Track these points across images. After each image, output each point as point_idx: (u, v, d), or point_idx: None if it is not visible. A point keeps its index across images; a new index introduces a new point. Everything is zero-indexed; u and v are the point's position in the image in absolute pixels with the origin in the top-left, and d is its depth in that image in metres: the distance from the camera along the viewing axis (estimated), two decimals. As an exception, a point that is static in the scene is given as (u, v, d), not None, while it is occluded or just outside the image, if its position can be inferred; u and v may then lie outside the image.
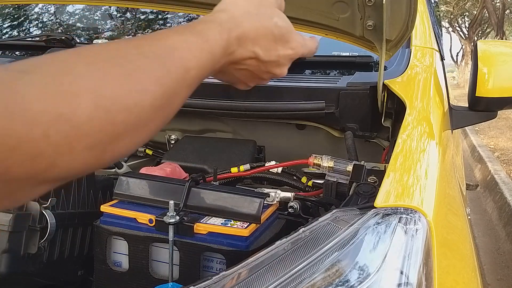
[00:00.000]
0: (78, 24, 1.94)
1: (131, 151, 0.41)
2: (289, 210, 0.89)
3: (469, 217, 1.32)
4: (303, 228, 0.61)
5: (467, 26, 22.30)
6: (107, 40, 1.82)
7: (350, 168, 0.86)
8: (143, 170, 0.96)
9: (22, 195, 0.34)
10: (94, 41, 1.80)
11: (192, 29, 0.48)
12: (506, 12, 17.63)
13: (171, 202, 0.76)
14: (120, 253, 0.82)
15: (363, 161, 0.88)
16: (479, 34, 22.77)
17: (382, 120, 1.06)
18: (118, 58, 0.39)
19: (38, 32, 1.88)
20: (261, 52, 0.57)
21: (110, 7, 1.88)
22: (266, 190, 0.90)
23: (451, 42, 27.04)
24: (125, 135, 0.37)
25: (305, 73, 1.36)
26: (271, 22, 0.58)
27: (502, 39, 14.74)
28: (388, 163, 0.74)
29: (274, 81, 1.14)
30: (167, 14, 1.83)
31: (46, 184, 0.34)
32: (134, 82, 0.38)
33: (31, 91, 0.31)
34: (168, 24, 1.85)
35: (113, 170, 1.17)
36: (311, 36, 0.68)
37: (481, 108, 1.35)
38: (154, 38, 0.44)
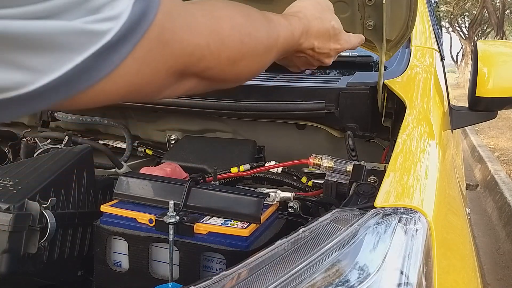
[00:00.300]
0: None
1: (247, 76, 0.60)
2: (289, 210, 0.89)
3: (469, 217, 1.32)
4: (303, 228, 0.61)
5: (467, 26, 22.30)
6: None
7: (350, 168, 0.86)
8: (143, 170, 0.96)
9: (183, 87, 0.51)
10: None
11: (284, 16, 0.71)
12: (506, 12, 17.64)
13: (171, 202, 0.76)
14: (120, 253, 0.82)
15: (363, 161, 0.88)
16: (479, 34, 22.77)
17: (382, 120, 1.06)
18: (243, 6, 0.57)
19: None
20: (318, 45, 0.77)
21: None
22: (266, 190, 0.90)
23: (451, 42, 27.05)
24: (247, 56, 0.55)
25: (305, 73, 1.36)
26: (329, 24, 0.78)
27: (502, 39, 14.74)
28: (388, 163, 0.74)
29: (274, 81, 1.14)
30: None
31: (200, 79, 0.52)
32: (251, 21, 0.57)
33: (199, 14, 0.48)
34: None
35: (113, 170, 1.17)
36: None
37: (481, 108, 1.35)
38: (265, 12, 0.63)
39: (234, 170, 0.99)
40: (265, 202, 0.84)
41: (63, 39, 0.32)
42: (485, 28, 22.89)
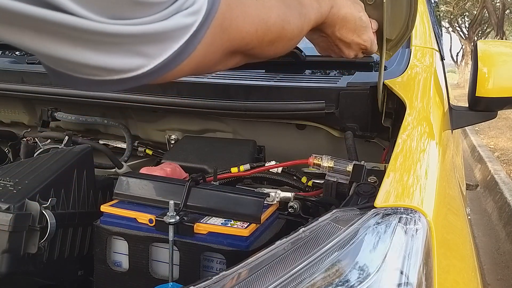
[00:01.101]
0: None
1: (281, 53, 0.70)
2: (289, 210, 0.89)
3: (469, 217, 1.32)
4: (303, 228, 0.61)
5: (467, 26, 22.30)
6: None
7: (350, 168, 0.86)
8: (143, 170, 0.96)
9: (231, 62, 0.63)
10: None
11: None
12: (506, 12, 17.63)
13: (171, 202, 0.76)
14: (120, 253, 0.82)
15: (363, 161, 0.88)
16: (479, 34, 22.77)
17: (382, 120, 1.06)
18: (293, 9, 0.68)
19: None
20: (340, 30, 0.84)
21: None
22: (266, 190, 0.90)
23: (451, 42, 27.05)
24: (284, 39, 0.66)
25: (305, 73, 1.36)
26: (358, 14, 0.84)
27: (502, 39, 14.74)
28: (388, 163, 0.74)
29: (274, 81, 1.14)
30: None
31: (244, 56, 0.64)
32: (291, 10, 0.67)
33: (252, 5, 0.58)
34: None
35: (113, 170, 1.17)
36: None
37: (481, 108, 1.35)
38: None
39: (234, 170, 0.99)
40: (265, 202, 0.84)
41: (168, 34, 0.45)
42: (485, 28, 22.89)
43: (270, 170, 0.98)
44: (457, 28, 23.35)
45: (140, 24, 0.43)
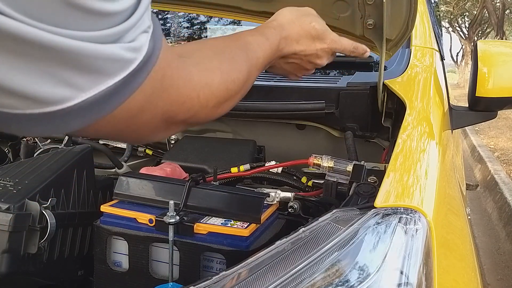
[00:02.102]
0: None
1: (229, 109, 0.63)
2: (289, 210, 0.89)
3: (469, 217, 1.32)
4: (303, 228, 0.61)
5: (467, 26, 22.30)
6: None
7: (350, 168, 0.86)
8: (143, 170, 0.96)
9: (170, 131, 0.55)
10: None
11: (259, 31, 0.73)
12: (506, 12, 17.63)
13: (171, 202, 0.76)
14: (120, 253, 0.82)
15: (363, 161, 0.88)
16: (479, 34, 22.76)
17: (382, 120, 1.06)
18: (225, 48, 0.63)
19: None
20: (302, 48, 0.80)
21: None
22: (266, 190, 0.90)
23: (451, 42, 27.04)
24: (230, 99, 0.60)
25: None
26: (309, 25, 0.80)
27: (502, 39, 14.74)
28: (388, 163, 0.74)
29: (274, 81, 1.14)
30: (167, 13, 1.83)
31: (186, 125, 0.56)
32: (235, 64, 0.61)
33: (194, 70, 0.52)
34: (168, 24, 1.85)
35: (113, 170, 1.17)
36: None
37: (481, 108, 1.35)
38: (240, 37, 0.69)
39: (234, 170, 0.99)
40: (265, 202, 0.84)
41: (104, 63, 0.36)
42: (485, 28, 22.89)
43: (270, 170, 0.98)
44: (457, 28, 23.35)
45: (70, 38, 0.33)
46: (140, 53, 0.39)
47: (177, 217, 0.76)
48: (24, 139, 1.22)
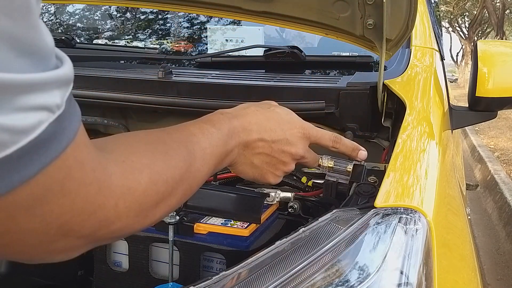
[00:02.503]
0: (78, 24, 1.94)
1: (162, 218, 0.50)
2: (289, 210, 0.89)
3: (469, 217, 1.32)
4: (303, 228, 0.61)
5: (467, 26, 22.30)
6: (107, 41, 1.82)
7: (350, 168, 0.86)
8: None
9: (73, 248, 0.41)
10: (94, 41, 1.80)
11: (204, 119, 0.61)
12: (506, 12, 17.63)
13: (171, 202, 0.76)
14: (120, 253, 0.82)
15: (363, 161, 0.88)
16: (479, 34, 22.76)
17: (382, 120, 1.06)
18: (159, 141, 0.50)
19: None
20: (266, 134, 0.66)
21: (110, 7, 1.88)
22: (266, 190, 0.90)
23: (451, 42, 27.04)
24: (161, 202, 0.46)
25: (305, 73, 1.36)
26: (269, 109, 0.69)
27: (502, 39, 14.74)
28: (388, 163, 0.74)
29: (274, 81, 1.14)
30: (167, 14, 1.83)
31: (95, 240, 0.41)
32: (169, 159, 0.49)
33: (115, 171, 0.40)
34: (168, 24, 1.85)
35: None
36: None
37: (481, 108, 1.35)
38: (179, 128, 0.57)
39: (234, 170, 0.99)
40: (265, 202, 0.83)
41: None
42: (485, 28, 22.89)
43: (270, 170, 0.98)
44: (457, 28, 23.35)
45: None
46: (23, 136, 0.29)
47: (177, 217, 0.76)
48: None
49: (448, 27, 23.64)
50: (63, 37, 1.46)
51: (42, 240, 0.36)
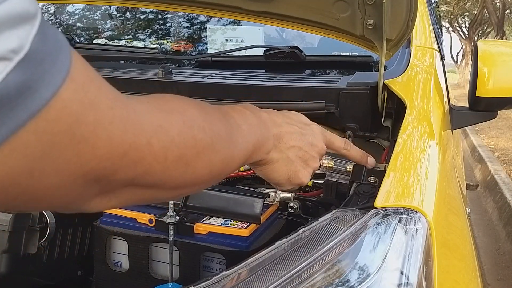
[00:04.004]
0: (78, 24, 1.94)
1: (208, 179, 0.46)
2: (289, 210, 0.89)
3: (469, 217, 1.32)
4: (303, 228, 0.61)
5: (467, 26, 22.30)
6: (107, 40, 1.82)
7: (350, 168, 0.86)
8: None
9: (113, 197, 0.38)
10: (94, 41, 1.80)
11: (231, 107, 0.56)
12: (506, 12, 17.63)
13: (171, 202, 0.76)
14: (120, 253, 0.82)
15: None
16: (479, 34, 22.76)
17: (382, 120, 1.06)
18: (195, 100, 0.47)
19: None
20: (294, 127, 0.63)
21: (110, 7, 1.88)
22: (266, 190, 0.90)
23: (451, 42, 27.03)
24: (202, 154, 0.43)
25: (305, 73, 1.36)
26: (281, 112, 0.65)
27: (502, 39, 14.74)
28: (388, 163, 0.74)
29: (274, 81, 1.14)
30: (167, 14, 1.83)
31: (136, 188, 0.39)
32: (204, 112, 0.46)
33: (142, 107, 0.37)
34: (168, 24, 1.85)
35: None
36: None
37: (481, 108, 1.35)
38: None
39: (234, 170, 0.99)
40: (265, 202, 0.83)
41: None
42: (485, 28, 22.88)
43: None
44: (457, 28, 23.35)
45: None
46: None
47: (177, 217, 0.76)
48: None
49: (448, 27, 23.65)
50: (63, 37, 1.45)
51: (70, 190, 0.33)
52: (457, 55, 26.28)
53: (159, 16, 1.86)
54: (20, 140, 0.27)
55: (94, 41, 1.80)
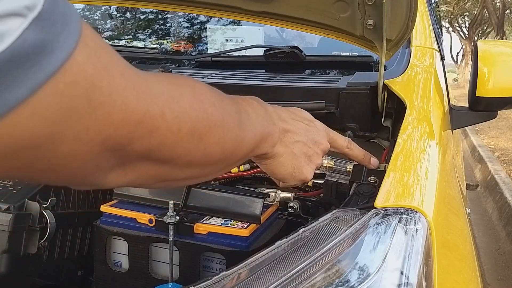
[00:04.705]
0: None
1: (219, 156, 0.46)
2: (289, 210, 0.89)
3: (469, 217, 1.32)
4: (303, 228, 0.61)
5: (467, 26, 22.30)
6: (107, 40, 1.82)
7: (350, 168, 0.86)
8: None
9: (128, 170, 0.38)
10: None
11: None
12: (506, 12, 17.62)
13: (171, 202, 0.76)
14: (120, 253, 0.82)
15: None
16: (479, 34, 22.76)
17: (382, 120, 1.06)
18: (203, 83, 0.46)
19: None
20: (298, 123, 0.64)
21: (110, 7, 1.88)
22: (266, 190, 0.90)
23: (451, 42, 27.02)
24: (214, 128, 0.43)
25: (305, 73, 1.36)
26: (287, 108, 0.65)
27: (502, 39, 14.74)
28: (388, 163, 0.74)
29: (274, 81, 1.14)
30: (167, 14, 1.83)
31: (152, 161, 0.39)
32: (212, 90, 0.46)
33: (152, 78, 0.37)
34: (168, 24, 1.85)
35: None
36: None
37: (481, 108, 1.35)
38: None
39: (234, 170, 0.99)
40: (265, 202, 0.84)
41: None
42: (485, 28, 22.88)
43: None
44: (457, 28, 23.34)
45: None
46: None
47: (177, 217, 0.76)
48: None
49: (448, 27, 23.64)
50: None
51: (88, 160, 0.33)
52: (457, 55, 26.28)
53: (159, 16, 1.86)
54: (40, 101, 0.28)
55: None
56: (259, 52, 1.38)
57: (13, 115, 0.27)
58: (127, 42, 1.79)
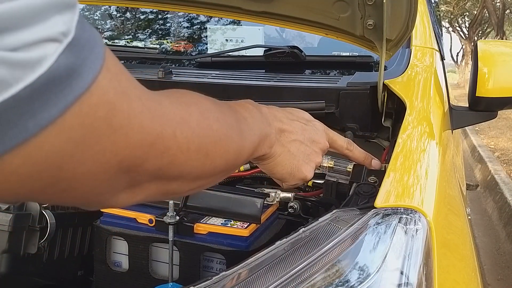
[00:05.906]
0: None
1: (224, 168, 0.48)
2: (289, 210, 0.89)
3: (469, 217, 1.32)
4: (303, 228, 0.61)
5: (467, 26, 22.30)
6: (107, 40, 1.82)
7: (350, 168, 0.86)
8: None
9: (138, 189, 0.39)
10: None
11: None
12: (506, 12, 17.63)
13: (171, 202, 0.76)
14: (120, 253, 0.82)
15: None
16: (479, 34, 22.76)
17: (382, 120, 1.06)
18: (204, 96, 0.48)
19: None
20: (294, 123, 0.64)
21: (110, 7, 1.88)
22: (266, 190, 0.90)
23: (451, 42, 27.02)
24: (219, 143, 0.45)
25: (305, 73, 1.36)
26: (284, 108, 0.67)
27: (502, 39, 14.73)
28: (388, 163, 0.74)
29: (274, 81, 1.14)
30: (167, 14, 1.83)
31: (160, 179, 0.40)
32: (215, 104, 0.48)
33: (165, 100, 0.39)
34: (168, 24, 1.85)
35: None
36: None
37: (481, 108, 1.35)
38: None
39: (234, 170, 0.99)
40: (265, 202, 0.84)
41: None
42: (485, 28, 22.88)
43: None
44: (457, 28, 23.34)
45: None
46: (29, 71, 0.26)
47: (177, 217, 0.76)
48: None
49: (448, 27, 23.64)
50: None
51: (103, 180, 0.34)
52: (457, 55, 26.28)
53: (159, 16, 1.86)
54: (66, 121, 0.29)
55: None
56: (259, 52, 1.38)
57: (43, 135, 0.28)
58: (127, 42, 1.79)
